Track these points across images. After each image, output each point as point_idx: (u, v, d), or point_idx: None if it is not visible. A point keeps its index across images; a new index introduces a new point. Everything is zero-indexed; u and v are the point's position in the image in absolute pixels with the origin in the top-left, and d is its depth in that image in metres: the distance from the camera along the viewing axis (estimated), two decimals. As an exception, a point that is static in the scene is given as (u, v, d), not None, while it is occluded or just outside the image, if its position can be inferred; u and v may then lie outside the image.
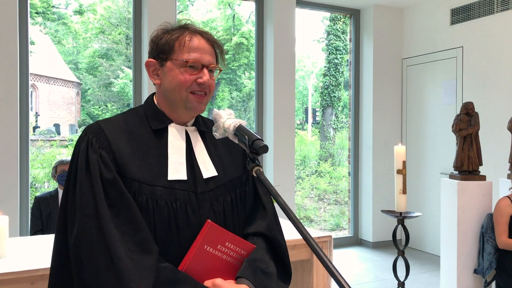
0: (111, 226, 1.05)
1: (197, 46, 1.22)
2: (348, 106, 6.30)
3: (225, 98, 17.20)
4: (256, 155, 1.07)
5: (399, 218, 2.52)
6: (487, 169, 3.85)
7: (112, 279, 1.02)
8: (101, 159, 1.12)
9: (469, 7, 4.97)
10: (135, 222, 1.08)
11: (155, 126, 1.22)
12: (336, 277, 0.82)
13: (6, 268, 1.61)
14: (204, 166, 1.23)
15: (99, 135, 1.16)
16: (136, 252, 1.05)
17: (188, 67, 1.20)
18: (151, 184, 1.13)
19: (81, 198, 1.10)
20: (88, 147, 1.14)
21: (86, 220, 1.07)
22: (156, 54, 1.24)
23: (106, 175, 1.10)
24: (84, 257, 1.05)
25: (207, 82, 1.21)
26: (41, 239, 2.21)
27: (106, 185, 1.10)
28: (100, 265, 1.03)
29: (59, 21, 17.52)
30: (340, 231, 8.33)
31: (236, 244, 1.18)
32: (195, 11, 17.78)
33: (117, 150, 1.14)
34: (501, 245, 3.20)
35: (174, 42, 1.22)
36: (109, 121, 1.22)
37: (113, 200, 1.09)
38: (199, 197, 1.17)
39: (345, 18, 11.77)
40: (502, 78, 4.64)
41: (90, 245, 1.05)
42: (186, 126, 1.27)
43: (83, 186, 1.10)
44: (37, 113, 16.68)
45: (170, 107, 1.24)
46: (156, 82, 1.26)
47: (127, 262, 1.02)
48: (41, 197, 3.47)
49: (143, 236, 1.07)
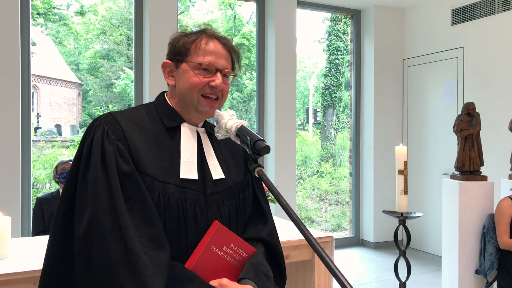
0: (127, 219, 1.03)
1: (213, 50, 1.23)
2: (349, 106, 6.30)
3: (226, 99, 17.21)
4: (258, 155, 1.07)
5: (400, 219, 2.52)
6: (489, 170, 3.85)
7: (126, 271, 1.00)
8: (118, 151, 1.10)
9: (470, 8, 4.97)
10: (150, 217, 1.07)
11: (168, 124, 1.22)
12: (338, 277, 0.83)
13: (8, 269, 1.62)
14: (213, 167, 1.23)
15: (115, 126, 1.14)
16: (150, 247, 1.04)
17: (202, 69, 1.21)
18: (163, 181, 1.13)
19: (95, 190, 1.07)
20: (104, 137, 1.12)
21: (100, 213, 1.04)
22: (173, 56, 1.26)
23: (124, 167, 1.09)
24: (95, 250, 1.03)
25: (220, 85, 1.22)
26: (43, 240, 2.21)
27: (123, 177, 1.08)
28: (114, 257, 1.01)
29: (61, 22, 17.55)
30: (342, 232, 8.32)
31: (240, 246, 1.19)
32: (196, 12, 17.80)
33: (132, 144, 1.13)
34: (503, 245, 3.20)
35: (191, 45, 1.23)
36: (123, 113, 1.20)
37: (129, 193, 1.07)
38: (207, 198, 1.18)
39: (346, 18, 11.76)
40: (503, 78, 4.64)
41: (103, 238, 1.02)
42: (197, 127, 1.27)
43: (98, 178, 1.07)
44: (38, 114, 16.69)
45: (182, 108, 1.25)
46: (171, 83, 1.27)
47: (142, 256, 1.01)
48: (43, 198, 3.48)
49: (158, 231, 1.07)
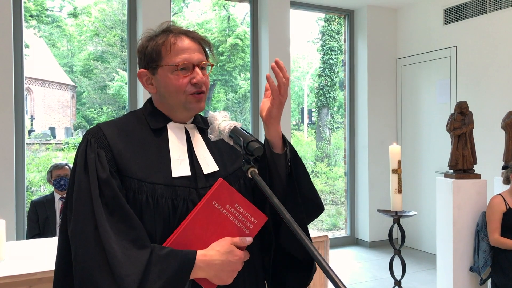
0: (106, 224, 1.07)
1: (184, 46, 1.22)
2: (343, 106, 6.32)
3: (221, 100, 17.20)
4: (251, 156, 1.08)
5: (395, 217, 2.53)
6: (482, 168, 3.88)
7: (107, 276, 1.02)
8: (98, 158, 1.14)
9: (462, 7, 5.00)
10: (129, 220, 1.09)
11: (154, 126, 1.23)
12: (331, 276, 0.83)
13: (4, 272, 1.62)
14: (205, 161, 1.24)
15: (98, 135, 1.18)
16: (130, 248, 1.06)
17: (179, 70, 1.21)
18: (151, 182, 1.14)
19: (78, 196, 1.11)
20: (87, 147, 1.16)
21: (82, 219, 1.08)
22: (146, 64, 1.25)
23: (101, 174, 1.12)
24: (80, 255, 1.06)
25: (201, 80, 1.22)
26: (38, 243, 2.21)
27: (101, 184, 1.11)
28: (95, 263, 1.04)
29: (54, 24, 17.48)
30: (337, 231, 8.34)
31: (246, 209, 1.15)
32: (189, 13, 17.79)
33: (116, 150, 1.16)
34: (493, 242, 3.22)
35: (161, 48, 1.22)
36: (109, 122, 1.24)
37: (107, 199, 1.10)
38: (200, 192, 1.18)
39: (339, 18, 11.80)
40: (495, 77, 4.68)
41: (86, 243, 1.06)
42: (185, 124, 1.28)
43: (81, 184, 1.12)
44: (32, 117, 16.61)
45: (169, 110, 1.26)
46: (152, 91, 1.26)
47: (121, 258, 1.03)
48: (38, 201, 3.47)
49: (138, 234, 1.08)
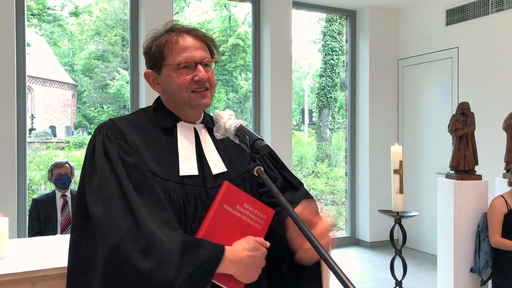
0: (139, 204, 1.06)
1: (186, 45, 1.23)
2: (344, 106, 6.32)
3: (222, 99, 17.18)
4: (257, 155, 1.08)
5: (396, 218, 2.53)
6: (483, 169, 3.88)
7: (147, 253, 1.00)
8: (120, 147, 1.14)
9: (464, 8, 5.00)
10: (160, 203, 1.10)
11: (164, 125, 1.25)
12: (339, 275, 0.83)
13: (6, 269, 1.62)
14: (213, 162, 1.25)
15: (114, 128, 1.19)
16: (164, 228, 1.06)
17: (182, 68, 1.21)
18: (165, 178, 1.16)
19: (102, 181, 1.09)
20: (104, 139, 1.15)
21: (110, 201, 1.06)
22: (152, 64, 1.27)
23: (128, 159, 1.12)
24: (111, 236, 1.02)
25: (204, 77, 1.22)
26: (40, 241, 2.21)
27: (129, 168, 1.11)
28: (131, 242, 1.01)
29: (55, 23, 17.47)
30: (338, 232, 8.34)
31: (254, 206, 1.19)
32: (191, 13, 17.78)
33: (132, 143, 1.17)
34: (494, 243, 3.22)
35: (163, 48, 1.23)
36: (122, 118, 1.25)
37: (136, 182, 1.10)
38: (208, 192, 1.20)
39: (341, 19, 11.79)
40: (497, 78, 4.68)
41: (118, 224, 1.03)
42: (194, 124, 1.29)
43: (104, 170, 1.10)
44: (32, 115, 16.61)
45: (177, 108, 1.27)
46: (159, 91, 1.29)
47: (160, 235, 1.03)
48: (39, 199, 3.48)
49: (169, 216, 1.09)
